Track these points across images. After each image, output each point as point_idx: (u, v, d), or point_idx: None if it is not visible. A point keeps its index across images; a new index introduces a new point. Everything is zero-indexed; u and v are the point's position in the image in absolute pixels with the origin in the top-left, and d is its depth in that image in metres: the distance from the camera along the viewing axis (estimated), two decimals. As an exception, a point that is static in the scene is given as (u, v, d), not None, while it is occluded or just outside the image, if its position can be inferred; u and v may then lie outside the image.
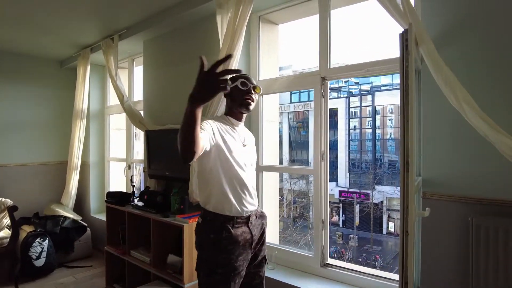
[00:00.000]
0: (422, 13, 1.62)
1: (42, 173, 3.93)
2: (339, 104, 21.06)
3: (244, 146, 1.57)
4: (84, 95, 3.57)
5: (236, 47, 2.08)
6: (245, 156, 1.54)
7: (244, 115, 1.61)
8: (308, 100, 22.22)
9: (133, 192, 2.85)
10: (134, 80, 3.64)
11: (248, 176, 1.54)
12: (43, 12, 2.68)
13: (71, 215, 3.66)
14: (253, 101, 1.55)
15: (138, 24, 2.90)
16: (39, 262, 3.06)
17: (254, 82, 1.58)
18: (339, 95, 22.34)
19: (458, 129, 1.51)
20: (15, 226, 2.95)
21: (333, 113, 21.61)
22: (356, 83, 22.39)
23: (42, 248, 3.11)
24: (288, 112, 22.68)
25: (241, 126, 1.61)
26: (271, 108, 2.63)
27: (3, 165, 3.67)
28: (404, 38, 1.32)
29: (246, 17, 2.06)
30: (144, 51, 3.16)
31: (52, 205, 3.70)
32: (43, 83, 3.94)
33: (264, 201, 2.49)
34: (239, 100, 1.52)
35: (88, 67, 3.53)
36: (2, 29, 3.01)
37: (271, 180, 2.58)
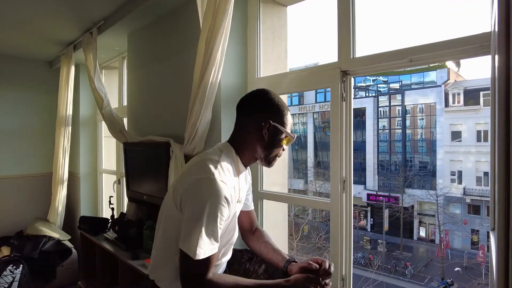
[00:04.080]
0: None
1: (28, 187, 3.54)
2: (367, 104, 20.35)
3: (237, 202, 1.12)
4: (68, 99, 3.12)
5: (220, 29, 1.50)
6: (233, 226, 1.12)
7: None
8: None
9: (112, 217, 2.34)
10: (126, 82, 3.14)
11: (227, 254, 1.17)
12: (11, 7, 2.27)
13: (57, 234, 3.22)
14: None
15: (116, 13, 2.39)
16: (9, 295, 2.63)
17: None
18: (367, 94, 21.51)
19: None
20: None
21: (361, 112, 20.91)
22: (385, 82, 21.49)
23: (14, 278, 2.67)
24: (313, 112, 22.10)
25: (242, 173, 1.15)
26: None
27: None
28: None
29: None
30: (128, 46, 2.66)
31: (36, 223, 3.28)
32: (30, 86, 3.54)
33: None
34: (270, 153, 1.11)
35: (72, 67, 3.08)
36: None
37: (276, 209, 1.98)
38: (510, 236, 0.57)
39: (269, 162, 1.11)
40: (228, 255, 1.18)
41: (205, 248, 0.92)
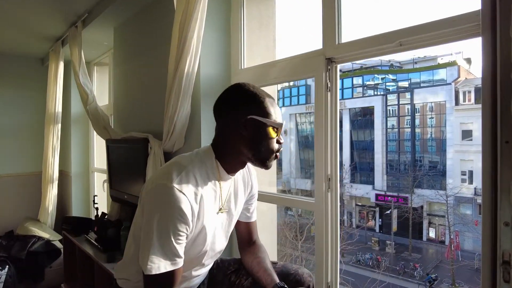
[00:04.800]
0: None
1: (19, 186, 3.48)
2: (376, 102, 20.10)
3: (220, 212, 1.00)
4: (57, 95, 3.04)
5: (194, 14, 1.38)
6: (212, 236, 0.99)
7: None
8: (342, 98, 21.21)
9: (96, 217, 2.25)
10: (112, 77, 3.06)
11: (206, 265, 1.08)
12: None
13: (47, 234, 3.15)
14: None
15: (99, 4, 2.29)
16: (-7, 297, 2.56)
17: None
18: (375, 93, 21.23)
19: None
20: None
21: (369, 111, 20.64)
22: (394, 80, 21.16)
23: None
24: (349, 109, 21.76)
25: (229, 180, 1.01)
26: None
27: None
28: None
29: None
30: (114, 40, 2.56)
31: (27, 223, 3.22)
32: (22, 84, 3.48)
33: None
34: (259, 151, 0.94)
35: (61, 63, 3.00)
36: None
37: (262, 211, 1.85)
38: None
39: (262, 162, 0.94)
40: (203, 269, 1.07)
41: (158, 263, 0.82)
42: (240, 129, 0.91)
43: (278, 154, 0.95)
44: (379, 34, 1.21)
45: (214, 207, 0.97)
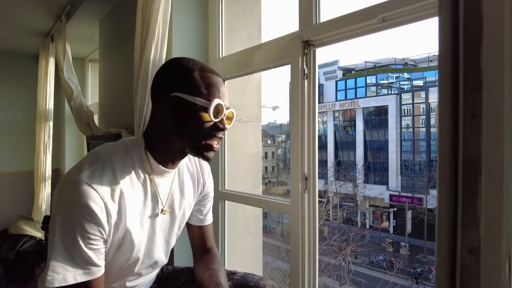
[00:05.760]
0: None
1: (12, 184, 3.44)
2: (390, 101, 19.67)
3: (161, 213, 0.85)
4: (47, 92, 2.97)
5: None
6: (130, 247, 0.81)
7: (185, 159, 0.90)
8: (355, 98, 20.97)
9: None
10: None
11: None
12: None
13: (40, 234, 3.10)
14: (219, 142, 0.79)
15: (79, -6, 2.20)
16: (-21, 298, 2.51)
17: (226, 97, 0.80)
18: (389, 92, 20.78)
19: None
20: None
21: (383, 110, 20.24)
22: (408, 79, 20.67)
23: (-14, 280, 2.56)
24: (333, 111, 21.64)
25: (168, 175, 0.85)
26: (248, 99, 1.76)
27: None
28: None
29: None
30: (99, 33, 2.47)
31: (20, 222, 3.17)
32: (15, 81, 3.45)
33: (236, 243, 1.64)
34: (189, 138, 0.78)
35: (51, 58, 2.93)
36: None
37: (246, 213, 1.71)
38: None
39: (196, 150, 0.78)
40: (140, 279, 0.92)
41: (64, 273, 0.67)
42: (165, 110, 0.77)
43: (214, 143, 0.77)
44: (359, 10, 1.04)
45: (146, 207, 0.81)
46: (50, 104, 3.02)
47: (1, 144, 3.38)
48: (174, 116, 0.76)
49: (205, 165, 1.01)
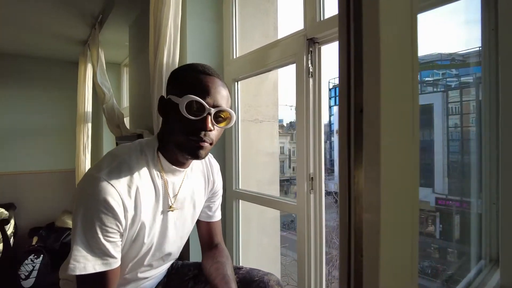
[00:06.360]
0: None
1: (58, 181, 3.75)
2: (435, 100, 18.58)
3: (170, 210, 0.89)
4: (86, 96, 3.20)
5: (167, 0, 1.29)
6: (141, 242, 0.86)
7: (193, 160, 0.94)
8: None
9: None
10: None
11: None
12: (28, 13, 2.42)
13: (81, 227, 3.35)
14: (209, 143, 0.80)
15: (108, 3, 2.34)
16: (28, 283, 2.75)
17: (219, 96, 0.81)
18: (434, 89, 19.64)
19: None
20: (6, 241, 2.71)
21: (428, 109, 19.17)
22: (456, 75, 19.35)
23: (34, 267, 2.80)
24: None
25: (179, 174, 0.90)
26: (264, 99, 1.76)
27: (17, 172, 3.56)
28: None
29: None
30: (129, 39, 2.60)
31: (64, 216, 3.45)
32: (58, 86, 3.75)
33: (250, 244, 1.65)
34: (175, 136, 0.82)
35: (89, 64, 3.14)
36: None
37: (262, 213, 1.71)
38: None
39: (181, 148, 0.80)
40: (152, 271, 0.97)
41: (84, 262, 0.73)
42: (165, 112, 0.84)
43: (202, 142, 0.79)
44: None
45: (158, 203, 0.86)
46: (89, 107, 3.24)
47: (48, 144, 3.69)
48: (167, 116, 0.83)
49: (215, 164, 1.06)
